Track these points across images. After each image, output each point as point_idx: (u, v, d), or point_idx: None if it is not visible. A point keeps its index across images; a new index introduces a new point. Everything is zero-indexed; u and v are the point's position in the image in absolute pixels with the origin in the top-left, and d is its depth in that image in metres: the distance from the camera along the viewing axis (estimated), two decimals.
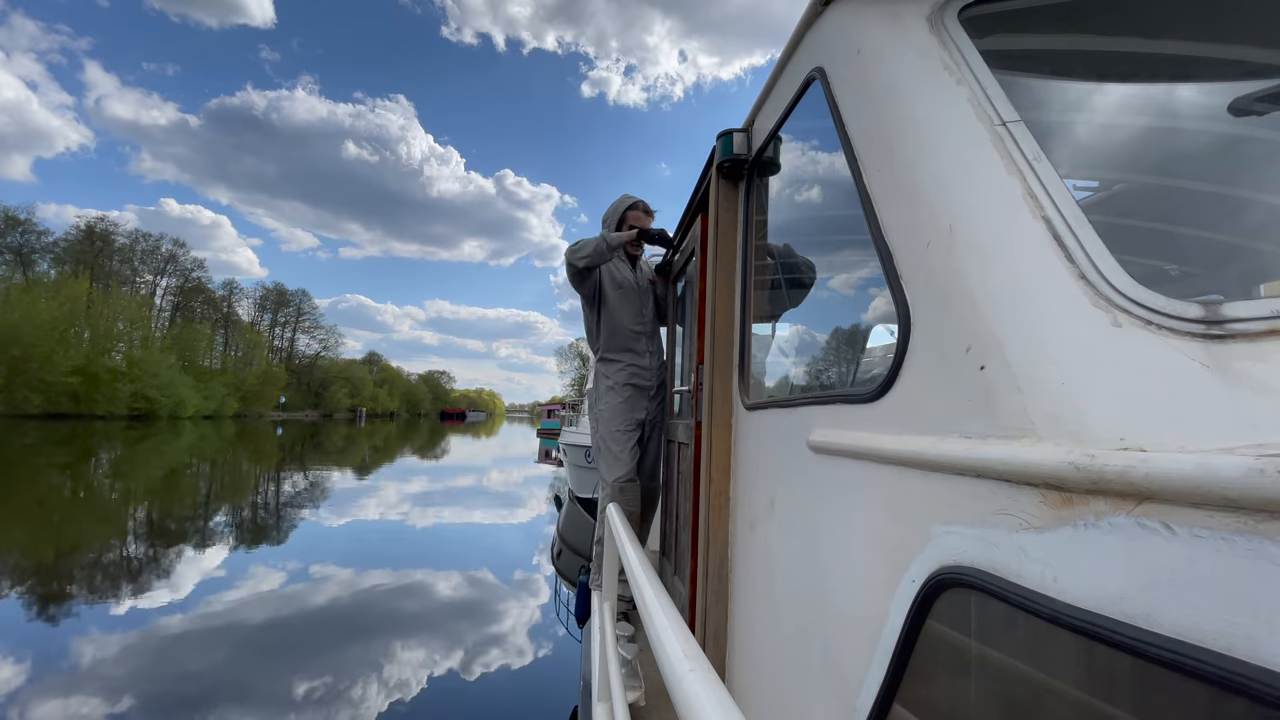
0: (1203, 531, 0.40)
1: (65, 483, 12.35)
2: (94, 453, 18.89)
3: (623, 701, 1.19)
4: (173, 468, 16.25)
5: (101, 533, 7.90)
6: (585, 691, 2.40)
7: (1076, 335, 0.58)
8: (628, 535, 1.38)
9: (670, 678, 0.57)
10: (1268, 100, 1.05)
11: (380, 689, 3.85)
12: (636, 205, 2.75)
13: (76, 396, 42.43)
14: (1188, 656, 0.39)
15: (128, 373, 46.90)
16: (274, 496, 12.05)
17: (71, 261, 55.68)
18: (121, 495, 11.17)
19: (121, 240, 61.53)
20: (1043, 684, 0.51)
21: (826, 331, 1.51)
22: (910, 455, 0.71)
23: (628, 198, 2.76)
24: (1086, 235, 0.64)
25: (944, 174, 0.78)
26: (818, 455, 1.01)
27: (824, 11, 1.14)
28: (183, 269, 68.39)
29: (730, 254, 1.67)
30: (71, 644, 4.28)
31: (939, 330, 0.72)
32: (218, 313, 72.61)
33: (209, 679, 3.82)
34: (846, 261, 1.39)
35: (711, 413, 1.61)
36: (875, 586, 0.76)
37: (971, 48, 0.86)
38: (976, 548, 0.58)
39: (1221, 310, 0.54)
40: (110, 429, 31.95)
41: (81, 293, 47.00)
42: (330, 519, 9.50)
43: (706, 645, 1.47)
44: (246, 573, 6.20)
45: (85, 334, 46.85)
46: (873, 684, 0.72)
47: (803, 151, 1.42)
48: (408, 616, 5.24)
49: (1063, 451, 0.50)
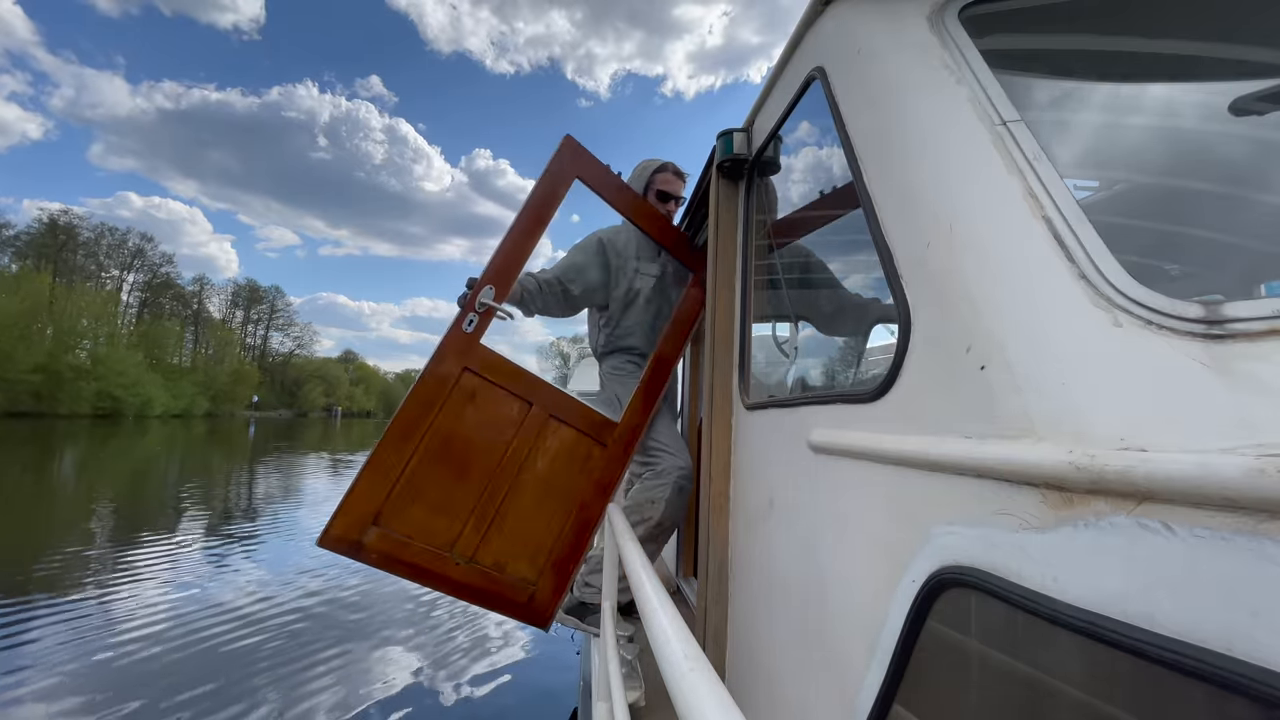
0: (1203, 531, 0.40)
1: (27, 482, 12.17)
2: (57, 453, 18.76)
3: (623, 701, 1.20)
4: (138, 470, 16.03)
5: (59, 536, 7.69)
6: (585, 691, 2.40)
7: (1077, 335, 0.58)
8: (628, 535, 1.38)
9: (670, 678, 0.57)
10: (1268, 100, 1.05)
11: (378, 688, 3.85)
12: (665, 167, 2.37)
13: (39, 395, 42.06)
14: (1188, 656, 0.39)
15: (92, 370, 46.56)
16: (247, 493, 12.00)
17: (34, 255, 55.14)
18: (84, 496, 10.90)
19: (86, 234, 61.04)
20: (1043, 684, 0.51)
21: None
22: (910, 455, 0.71)
23: (654, 160, 2.38)
24: (1087, 235, 0.64)
25: (944, 174, 0.78)
26: (818, 455, 1.01)
27: (824, 11, 1.14)
28: (150, 264, 67.89)
29: (730, 254, 1.67)
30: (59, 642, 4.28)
31: (939, 330, 0.72)
32: (188, 309, 72.07)
33: (205, 678, 3.82)
34: (846, 261, 1.39)
35: (711, 413, 1.61)
36: (875, 586, 0.76)
37: (971, 47, 0.86)
38: (977, 548, 0.58)
39: (1222, 310, 0.54)
40: (74, 428, 31.54)
41: (44, 288, 46.62)
42: (310, 518, 9.34)
43: (706, 645, 1.47)
44: (222, 582, 6.20)
45: (48, 330, 46.51)
46: (873, 684, 0.72)
47: (803, 151, 1.42)
48: (407, 616, 5.24)
49: (1063, 451, 0.50)
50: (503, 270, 1.96)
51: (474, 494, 1.96)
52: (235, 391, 67.70)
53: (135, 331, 59.16)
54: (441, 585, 1.95)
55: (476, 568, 1.97)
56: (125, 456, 19.02)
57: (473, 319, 1.92)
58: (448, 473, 1.94)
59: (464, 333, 1.92)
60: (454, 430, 1.94)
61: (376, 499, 1.87)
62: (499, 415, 1.99)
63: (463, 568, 1.95)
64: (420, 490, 1.91)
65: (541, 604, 2.04)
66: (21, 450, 18.91)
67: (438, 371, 1.92)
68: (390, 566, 1.89)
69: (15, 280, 46.31)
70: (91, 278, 60.83)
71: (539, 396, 2.03)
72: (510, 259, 1.98)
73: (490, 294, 1.93)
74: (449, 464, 1.94)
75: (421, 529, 1.92)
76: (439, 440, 1.93)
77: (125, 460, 17.94)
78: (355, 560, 1.87)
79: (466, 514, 1.96)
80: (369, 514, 1.86)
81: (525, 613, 2.03)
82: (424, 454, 1.91)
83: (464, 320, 1.92)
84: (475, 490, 1.96)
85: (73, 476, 13.77)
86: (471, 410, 1.96)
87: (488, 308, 1.93)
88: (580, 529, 2.07)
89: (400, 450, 1.89)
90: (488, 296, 1.93)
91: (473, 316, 1.92)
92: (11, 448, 19.58)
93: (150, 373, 52.71)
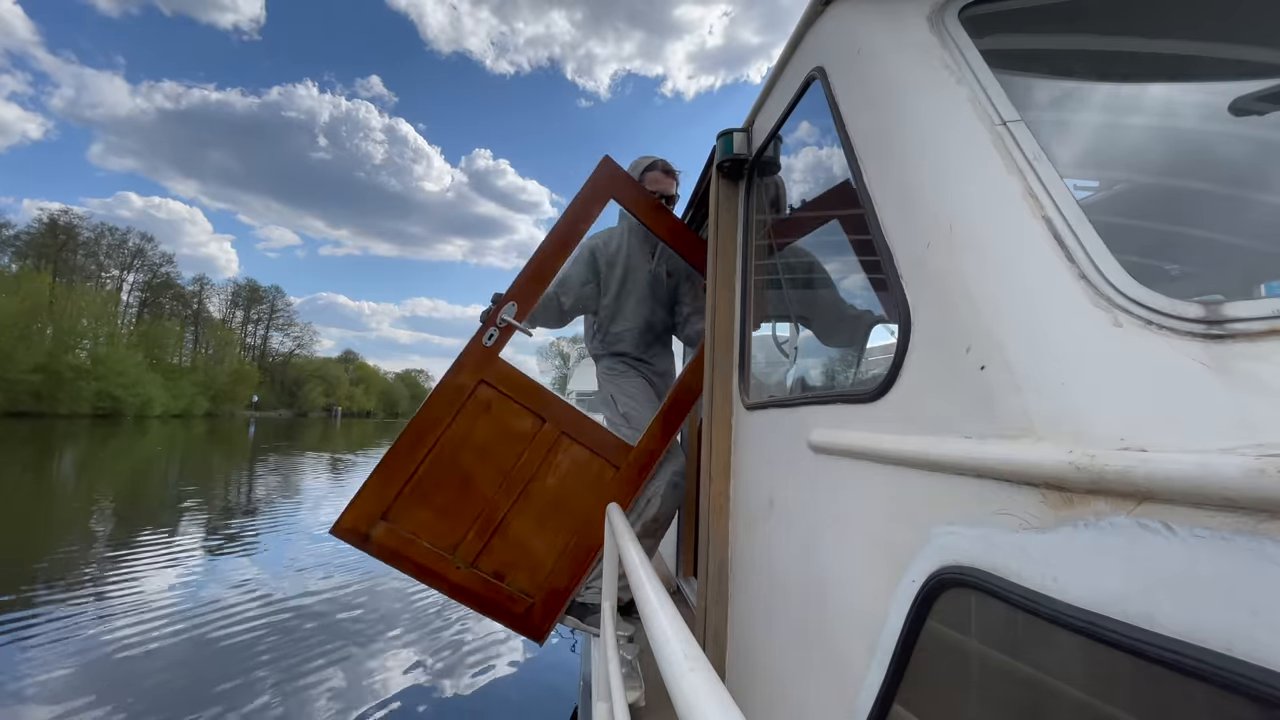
0: (1203, 531, 0.40)
1: (27, 481, 12.16)
2: (57, 452, 18.74)
3: (623, 701, 1.19)
4: (138, 469, 16.01)
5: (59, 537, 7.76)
6: (585, 691, 2.40)
7: (1077, 335, 0.58)
8: (628, 535, 1.38)
9: (670, 678, 0.57)
10: (1268, 100, 1.05)
11: (377, 688, 3.85)
12: (655, 165, 2.33)
13: (39, 395, 42.06)
14: (1188, 656, 0.39)
15: (92, 370, 46.57)
16: (247, 490, 12.03)
17: (34, 255, 55.20)
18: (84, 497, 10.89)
19: (86, 234, 61.15)
20: (1043, 684, 0.51)
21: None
22: (910, 455, 0.71)
23: (646, 157, 2.36)
24: (1087, 235, 0.64)
25: (944, 174, 0.78)
26: (818, 455, 1.01)
27: (824, 11, 1.14)
28: (150, 264, 68.05)
29: (730, 254, 1.67)
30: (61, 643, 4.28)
31: (939, 330, 0.72)
32: (188, 309, 72.21)
33: (203, 672, 3.82)
34: (846, 261, 1.39)
35: (711, 413, 1.61)
36: (875, 586, 0.76)
37: (971, 47, 0.86)
38: (977, 548, 0.58)
39: (1222, 310, 0.54)
40: (74, 428, 31.50)
41: (44, 287, 46.64)
42: (309, 519, 9.32)
43: (706, 645, 1.47)
44: (228, 583, 6.20)
45: (48, 330, 46.51)
46: (873, 684, 0.72)
47: (803, 151, 1.42)
48: (405, 615, 5.24)
49: (1063, 451, 0.50)
50: (527, 288, 2.02)
51: (480, 502, 2.00)
52: (235, 391, 67.76)
53: (135, 331, 59.23)
54: (441, 585, 1.98)
55: (476, 574, 2.00)
56: (125, 456, 19.02)
57: (493, 334, 1.99)
58: (456, 479, 1.99)
59: (484, 346, 1.99)
60: (466, 439, 1.99)
61: (387, 497, 1.93)
62: (511, 428, 2.04)
63: (463, 571, 1.98)
64: (428, 493, 1.97)
65: (539, 617, 2.05)
66: (21, 450, 18.92)
67: (455, 381, 1.99)
68: (393, 561, 1.94)
69: (15, 280, 46.33)
70: (91, 277, 60.94)
71: (553, 413, 2.06)
72: (536, 277, 2.04)
73: (513, 310, 2.00)
74: (458, 471, 1.99)
75: (427, 529, 1.96)
76: (450, 447, 1.98)
77: (125, 460, 17.94)
78: (362, 551, 1.93)
79: (471, 520, 2.00)
80: (378, 510, 1.93)
81: (521, 624, 2.04)
82: (435, 459, 1.97)
83: (484, 334, 1.99)
84: (481, 498, 2.01)
85: (72, 476, 13.77)
86: (485, 421, 2.01)
87: (508, 324, 1.99)
88: (585, 547, 2.07)
89: (413, 453, 1.95)
90: (509, 313, 1.99)
91: (493, 331, 1.99)
92: (11, 447, 19.59)
93: (150, 373, 52.74)
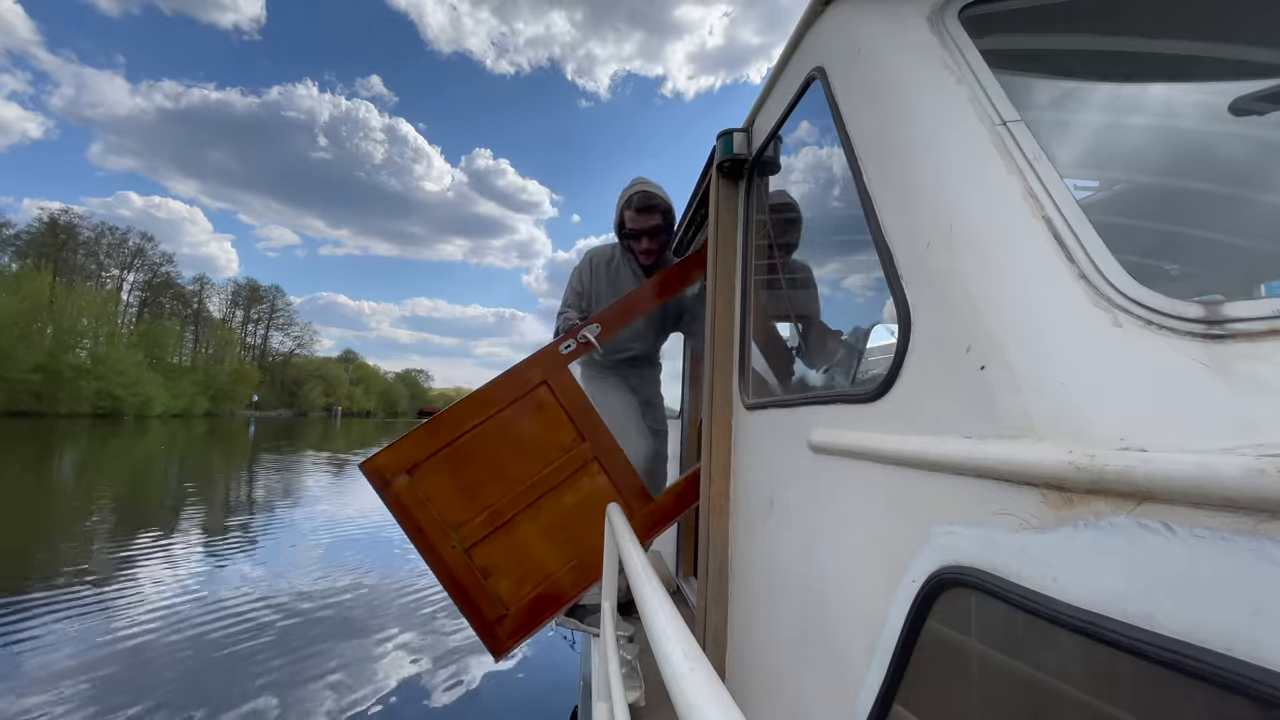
0: (1203, 531, 0.40)
1: (27, 481, 12.17)
2: (57, 452, 18.75)
3: (623, 701, 1.19)
4: (138, 469, 16.01)
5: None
6: (585, 691, 2.40)
7: (1077, 335, 0.58)
8: (628, 535, 1.38)
9: (670, 678, 0.57)
10: (1268, 100, 1.05)
11: (375, 687, 3.85)
12: (630, 202, 2.35)
13: (39, 394, 42.10)
14: (1188, 656, 0.39)
15: (92, 370, 46.63)
16: (247, 487, 12.03)
17: (34, 255, 55.22)
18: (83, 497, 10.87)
19: (86, 233, 61.15)
20: (1043, 684, 0.51)
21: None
22: (910, 455, 0.71)
23: (630, 185, 2.41)
24: (1087, 235, 0.64)
25: (944, 174, 0.78)
26: (818, 455, 1.01)
27: (824, 11, 1.14)
28: (150, 263, 68.08)
29: (730, 254, 1.67)
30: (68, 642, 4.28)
31: (939, 330, 0.72)
32: (188, 309, 72.25)
33: (200, 671, 3.82)
34: (846, 261, 1.39)
35: (711, 413, 1.61)
36: (875, 586, 0.76)
37: (971, 47, 0.86)
38: (977, 548, 0.58)
39: (1222, 310, 0.54)
40: (74, 428, 31.54)
41: (44, 287, 46.69)
42: (306, 522, 9.29)
43: (706, 645, 1.47)
44: (223, 582, 6.20)
45: (48, 330, 46.57)
46: (873, 684, 0.72)
47: (803, 151, 1.41)
48: (403, 615, 5.23)
49: (1063, 451, 0.50)
50: (613, 319, 2.22)
51: (498, 492, 2.04)
52: (235, 391, 67.82)
53: (135, 331, 59.28)
54: (430, 556, 2.00)
55: (466, 561, 2.00)
56: (125, 456, 19.03)
57: (570, 344, 2.12)
58: (486, 462, 2.04)
59: (559, 353, 2.11)
60: (510, 429, 2.06)
61: (421, 453, 2.00)
62: (553, 436, 2.09)
63: (456, 552, 2.00)
64: (457, 465, 2.03)
65: (505, 632, 2.02)
66: (21, 449, 18.92)
67: (525, 374, 2.08)
68: (400, 516, 1.99)
69: (15, 279, 46.35)
70: (91, 277, 60.96)
71: (594, 436, 2.11)
72: (623, 313, 2.24)
73: (595, 331, 2.15)
74: (491, 456, 2.04)
75: (441, 499, 2.01)
76: (494, 430, 2.05)
77: (125, 460, 17.95)
78: (377, 494, 1.98)
79: (483, 507, 2.03)
80: (409, 463, 1.99)
81: (487, 632, 2.01)
82: (477, 435, 2.04)
83: (564, 342, 2.12)
84: (501, 490, 2.04)
85: (72, 476, 13.78)
86: (533, 420, 2.08)
87: (587, 341, 2.13)
88: (574, 579, 2.06)
89: (462, 421, 2.03)
90: (592, 333, 2.14)
91: (571, 343, 2.12)
92: (11, 447, 19.60)
93: (150, 372, 52.76)
